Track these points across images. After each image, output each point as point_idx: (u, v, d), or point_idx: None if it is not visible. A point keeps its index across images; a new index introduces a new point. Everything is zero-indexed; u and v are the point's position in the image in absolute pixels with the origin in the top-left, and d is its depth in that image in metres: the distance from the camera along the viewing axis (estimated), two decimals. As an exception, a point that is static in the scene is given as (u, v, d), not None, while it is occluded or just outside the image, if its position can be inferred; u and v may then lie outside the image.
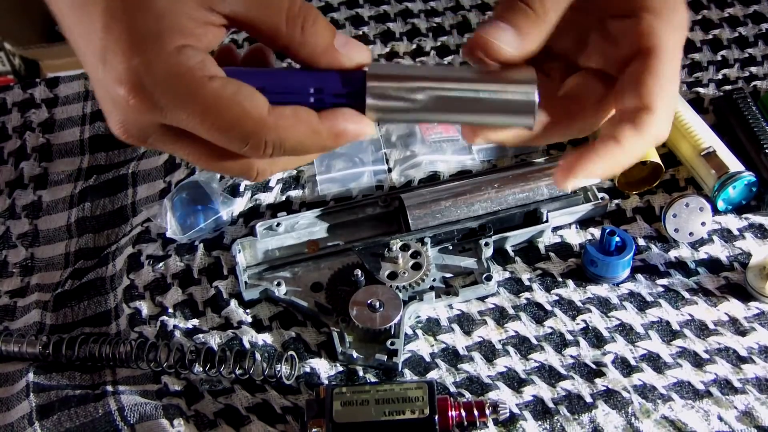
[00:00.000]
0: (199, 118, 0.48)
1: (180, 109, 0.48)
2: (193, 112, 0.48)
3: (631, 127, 0.53)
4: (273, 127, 0.49)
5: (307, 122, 0.50)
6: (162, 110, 0.48)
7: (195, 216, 0.80)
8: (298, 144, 0.51)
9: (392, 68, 0.54)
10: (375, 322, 0.71)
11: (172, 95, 0.48)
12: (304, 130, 0.50)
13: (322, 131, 0.51)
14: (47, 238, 0.86)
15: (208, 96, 0.48)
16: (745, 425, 0.66)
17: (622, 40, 0.54)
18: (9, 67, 2.12)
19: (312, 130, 0.51)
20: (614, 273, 0.75)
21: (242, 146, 0.50)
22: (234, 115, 0.48)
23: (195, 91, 0.47)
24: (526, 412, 0.68)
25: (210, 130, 0.49)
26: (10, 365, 0.74)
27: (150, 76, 0.47)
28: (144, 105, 0.48)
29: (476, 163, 0.85)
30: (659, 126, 0.53)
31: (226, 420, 0.69)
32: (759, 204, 0.80)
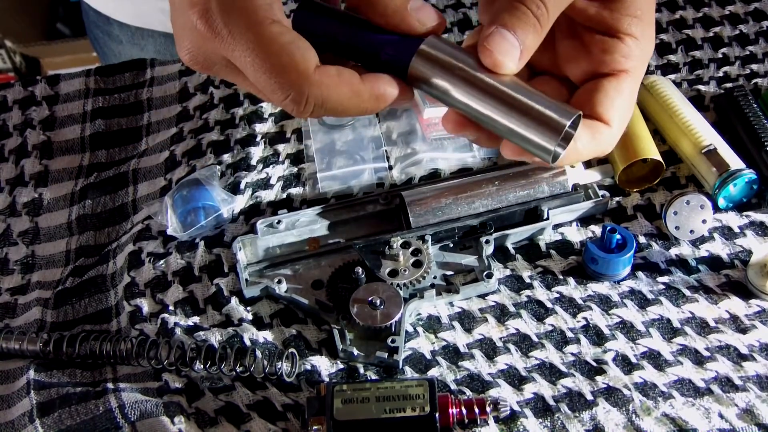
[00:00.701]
0: (251, 56, 0.50)
1: (237, 42, 0.50)
2: (247, 48, 0.50)
3: (588, 134, 0.56)
4: (317, 83, 0.51)
5: (349, 83, 0.52)
6: (223, 40, 0.50)
7: (196, 213, 0.80)
8: (339, 104, 0.53)
9: (448, 48, 0.55)
10: (376, 320, 0.71)
11: (234, 27, 0.50)
12: (347, 90, 0.52)
13: (364, 93, 0.52)
14: (48, 235, 0.86)
15: (264, 36, 0.50)
16: (745, 423, 0.66)
17: (599, 55, 0.56)
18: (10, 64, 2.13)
19: (354, 91, 0.52)
20: (615, 270, 0.75)
21: (284, 97, 0.51)
22: (283, 62, 0.50)
23: (254, 29, 0.50)
24: (527, 409, 0.68)
25: (257, 72, 0.51)
26: (10, 362, 0.74)
27: (219, 6, 0.49)
28: (209, 32, 0.50)
29: (477, 161, 0.85)
30: (612, 140, 0.57)
31: (226, 417, 0.69)
32: (760, 201, 0.80)
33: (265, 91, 0.52)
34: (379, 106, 0.54)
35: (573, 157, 0.56)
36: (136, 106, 0.95)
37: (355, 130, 0.88)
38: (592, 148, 0.57)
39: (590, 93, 0.57)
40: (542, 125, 0.53)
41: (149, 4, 1.06)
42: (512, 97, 0.53)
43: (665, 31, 0.96)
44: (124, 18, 1.09)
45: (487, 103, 0.54)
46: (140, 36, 1.11)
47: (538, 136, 0.54)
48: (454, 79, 0.54)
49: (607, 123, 0.56)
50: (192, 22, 0.51)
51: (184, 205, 0.80)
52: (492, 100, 0.54)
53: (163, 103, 0.95)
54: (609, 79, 0.57)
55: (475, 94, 0.54)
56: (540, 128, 0.53)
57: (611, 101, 0.56)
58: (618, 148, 0.81)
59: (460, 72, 0.54)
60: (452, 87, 0.54)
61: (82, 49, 2.06)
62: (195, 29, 0.51)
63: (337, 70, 0.52)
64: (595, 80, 0.57)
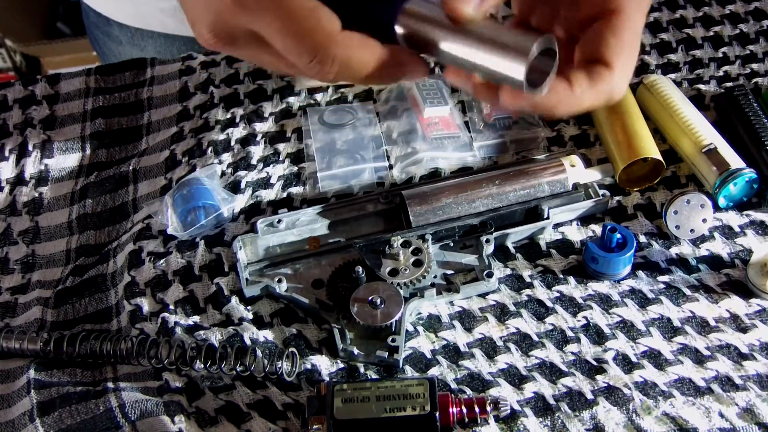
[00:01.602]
0: (278, 22, 0.52)
1: (264, 11, 0.52)
2: (274, 16, 0.52)
3: (585, 77, 0.56)
4: (342, 45, 0.53)
5: (372, 49, 0.54)
6: (250, 11, 0.52)
7: (196, 213, 0.80)
8: (363, 66, 0.55)
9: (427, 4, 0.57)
10: (376, 319, 0.71)
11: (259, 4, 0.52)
12: (369, 54, 0.54)
13: (386, 60, 0.54)
14: (48, 234, 0.86)
15: (289, 3, 0.52)
16: (746, 422, 0.66)
17: (586, 2, 0.57)
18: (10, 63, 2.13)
19: (376, 57, 0.54)
20: (615, 270, 0.75)
21: (310, 58, 0.53)
22: (310, 25, 0.52)
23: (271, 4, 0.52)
24: (527, 408, 0.68)
25: (285, 37, 0.53)
26: (11, 362, 0.74)
27: None
28: (236, 4, 0.52)
29: (477, 160, 0.85)
30: (615, 83, 0.56)
31: (227, 417, 0.69)
32: (760, 201, 0.80)
33: (292, 55, 0.54)
34: (398, 74, 0.56)
35: (573, 103, 0.56)
36: (137, 105, 0.95)
37: (355, 130, 0.88)
38: (594, 93, 0.56)
39: (587, 40, 0.57)
40: (509, 51, 0.55)
41: (149, 4, 1.06)
42: (479, 34, 0.55)
43: (665, 31, 0.96)
44: (124, 19, 1.09)
45: (461, 45, 0.56)
46: (140, 37, 1.11)
47: (507, 62, 0.55)
48: (434, 30, 0.56)
49: (607, 64, 0.56)
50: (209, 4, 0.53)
51: (185, 204, 0.80)
52: (463, 41, 0.56)
53: (163, 103, 0.95)
54: (602, 22, 0.57)
55: (450, 40, 0.56)
56: (508, 54, 0.55)
57: (606, 42, 0.56)
58: (618, 148, 0.81)
59: (438, 23, 0.56)
60: (435, 38, 0.56)
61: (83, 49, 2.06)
62: (222, 2, 0.53)
63: (360, 35, 0.54)
64: (591, 27, 0.58)
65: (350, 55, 0.54)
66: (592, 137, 0.87)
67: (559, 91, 0.55)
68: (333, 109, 0.90)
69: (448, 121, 0.88)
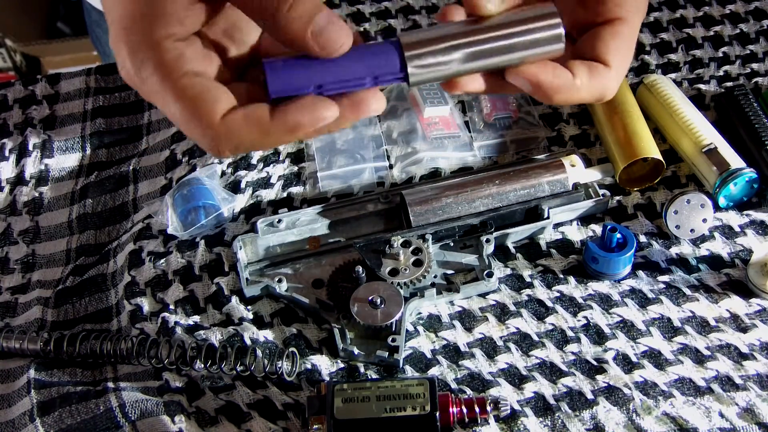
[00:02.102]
0: (167, 108, 0.53)
1: (155, 94, 0.53)
2: (163, 100, 0.53)
3: (586, 70, 0.57)
4: (224, 132, 0.53)
5: (257, 125, 0.53)
6: (147, 90, 0.53)
7: (196, 212, 0.80)
8: (252, 145, 0.54)
9: (424, 34, 0.56)
10: (376, 319, 0.71)
11: (149, 80, 0.53)
12: (255, 132, 0.53)
13: (274, 131, 0.53)
14: (48, 234, 0.86)
15: (173, 90, 0.52)
16: (746, 422, 0.66)
17: (593, 7, 0.59)
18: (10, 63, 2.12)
19: (262, 132, 0.53)
20: (615, 270, 0.75)
21: (204, 143, 0.54)
22: (191, 115, 0.52)
23: (165, 83, 0.52)
24: (528, 408, 0.68)
25: (171, 117, 0.53)
26: (11, 362, 0.74)
27: (133, 63, 0.53)
28: (131, 74, 0.53)
29: (477, 160, 0.85)
30: (610, 82, 0.58)
31: (227, 416, 0.69)
32: (760, 200, 0.80)
33: (187, 135, 0.55)
34: (294, 137, 0.54)
35: (572, 92, 0.57)
36: (137, 105, 0.95)
37: (355, 129, 0.88)
38: (591, 87, 0.58)
39: (587, 40, 0.59)
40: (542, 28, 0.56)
41: None
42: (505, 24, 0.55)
43: (666, 30, 0.96)
44: None
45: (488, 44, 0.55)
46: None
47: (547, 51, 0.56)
48: (451, 52, 0.55)
49: (605, 63, 0.58)
50: (118, 58, 0.54)
51: (185, 204, 0.80)
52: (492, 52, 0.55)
53: (163, 102, 0.95)
54: (604, 26, 0.59)
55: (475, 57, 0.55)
56: (544, 47, 0.56)
57: (607, 44, 0.58)
58: (618, 147, 0.81)
59: (455, 47, 0.55)
60: (453, 63, 0.55)
61: (83, 48, 2.06)
62: (122, 66, 0.54)
63: (244, 113, 0.53)
64: (592, 30, 0.59)
65: (236, 141, 0.54)
66: (592, 137, 0.87)
67: (563, 78, 0.57)
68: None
69: (448, 120, 0.88)
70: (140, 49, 0.52)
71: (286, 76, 0.54)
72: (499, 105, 0.88)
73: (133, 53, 0.53)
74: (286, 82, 0.54)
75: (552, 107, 0.89)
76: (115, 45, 0.54)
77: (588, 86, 0.58)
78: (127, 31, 0.53)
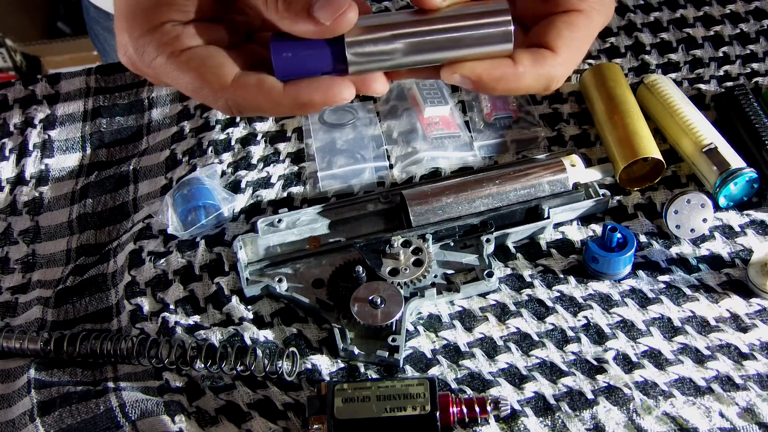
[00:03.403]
0: (176, 83, 0.57)
1: (162, 74, 0.57)
2: (172, 78, 0.57)
3: (529, 56, 0.57)
4: (233, 94, 0.56)
5: (268, 93, 0.56)
6: (154, 73, 0.57)
7: (196, 212, 0.80)
8: (260, 110, 0.57)
9: (371, 20, 0.56)
10: (376, 319, 0.71)
11: (154, 61, 0.57)
12: (264, 99, 0.56)
13: (284, 102, 0.56)
14: (48, 234, 0.86)
15: (178, 67, 0.56)
16: (746, 422, 0.66)
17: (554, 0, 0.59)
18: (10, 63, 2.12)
19: (272, 101, 0.56)
20: (615, 269, 0.75)
21: (214, 104, 0.57)
22: (200, 82, 0.56)
23: (169, 62, 0.56)
24: (528, 408, 0.68)
25: (185, 90, 0.57)
26: (11, 362, 0.74)
27: (139, 46, 0.57)
28: (134, 60, 0.57)
29: (477, 160, 0.85)
30: (556, 69, 0.57)
31: (227, 416, 0.69)
32: (760, 200, 0.80)
33: (197, 97, 0.58)
34: (306, 111, 0.57)
35: (515, 81, 0.57)
36: (137, 104, 0.95)
37: (355, 129, 0.88)
38: (536, 75, 0.57)
39: (539, 28, 0.59)
40: (490, 43, 0.55)
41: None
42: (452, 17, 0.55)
43: (666, 30, 0.96)
44: None
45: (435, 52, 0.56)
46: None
47: (494, 49, 0.56)
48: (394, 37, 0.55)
49: (553, 50, 0.57)
50: (122, 44, 0.58)
51: (185, 203, 0.80)
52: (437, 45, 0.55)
53: (163, 102, 0.95)
54: (560, 15, 0.58)
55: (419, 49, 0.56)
56: (492, 46, 0.56)
57: (558, 31, 0.57)
58: (619, 147, 0.81)
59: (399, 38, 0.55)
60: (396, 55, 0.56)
61: (83, 48, 2.06)
62: (124, 54, 0.58)
63: (257, 79, 0.56)
64: (547, 18, 0.59)
65: (245, 104, 0.57)
66: (592, 137, 0.87)
67: (502, 68, 0.56)
68: (333, 109, 0.90)
69: (448, 120, 0.88)
70: (142, 35, 0.56)
71: (291, 60, 0.56)
72: (499, 105, 0.88)
73: (135, 40, 0.56)
74: (291, 65, 0.56)
75: (553, 107, 0.89)
76: (119, 33, 0.57)
77: (532, 74, 0.57)
78: (130, 21, 0.56)
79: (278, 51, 0.55)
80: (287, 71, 0.56)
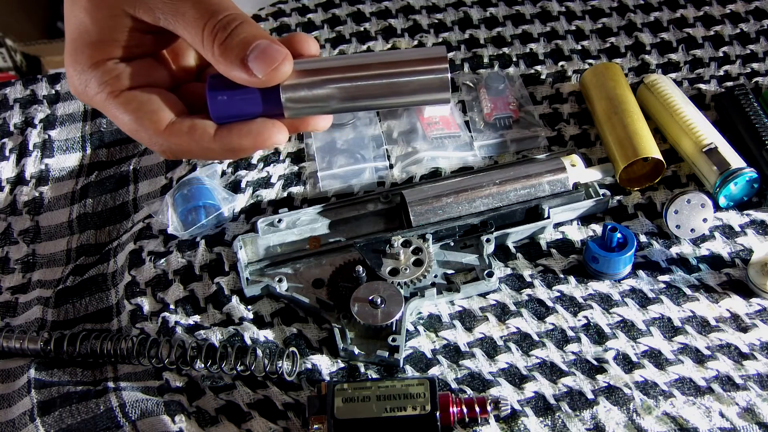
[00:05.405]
0: (115, 119, 0.58)
1: (101, 107, 0.58)
2: (110, 113, 0.58)
3: None
4: (166, 140, 0.57)
5: (199, 140, 0.57)
6: (92, 100, 0.58)
7: (196, 212, 0.80)
8: (192, 155, 0.59)
9: (308, 65, 0.56)
10: (376, 319, 0.71)
11: (96, 96, 0.58)
12: (196, 146, 0.57)
13: (215, 149, 0.57)
14: (48, 234, 0.86)
15: (119, 104, 0.57)
16: (746, 422, 0.66)
17: None
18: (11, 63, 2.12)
19: (203, 148, 0.57)
20: (616, 269, 0.75)
21: (150, 147, 0.58)
22: (137, 125, 0.57)
23: (109, 101, 0.57)
24: (528, 408, 0.68)
25: (124, 129, 0.58)
26: (11, 361, 0.75)
27: (82, 80, 0.58)
28: (79, 91, 0.58)
29: (478, 160, 0.85)
30: None
31: (227, 416, 0.69)
32: (760, 200, 0.80)
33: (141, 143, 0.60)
34: (237, 155, 0.58)
35: None
36: (137, 104, 0.95)
37: (355, 129, 0.88)
38: None
39: None
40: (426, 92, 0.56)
41: None
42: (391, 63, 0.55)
43: (666, 30, 0.96)
44: None
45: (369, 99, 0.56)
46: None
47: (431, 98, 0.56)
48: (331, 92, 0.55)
49: None
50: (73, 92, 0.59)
51: (185, 203, 0.80)
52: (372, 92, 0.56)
53: (163, 102, 0.95)
54: None
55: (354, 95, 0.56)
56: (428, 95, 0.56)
57: None
58: (619, 147, 0.81)
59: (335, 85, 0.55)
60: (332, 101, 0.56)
61: (83, 48, 2.06)
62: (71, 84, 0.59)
63: (190, 125, 0.57)
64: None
65: (178, 151, 0.58)
66: (592, 137, 0.87)
67: None
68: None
69: (448, 120, 0.88)
70: (84, 71, 0.57)
71: (227, 104, 0.56)
72: (499, 105, 0.88)
73: (78, 74, 0.58)
74: (226, 108, 0.56)
75: (553, 107, 0.89)
76: (66, 66, 0.59)
77: None
78: (75, 55, 0.58)
79: (214, 94, 0.56)
80: (222, 113, 0.56)
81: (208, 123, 0.57)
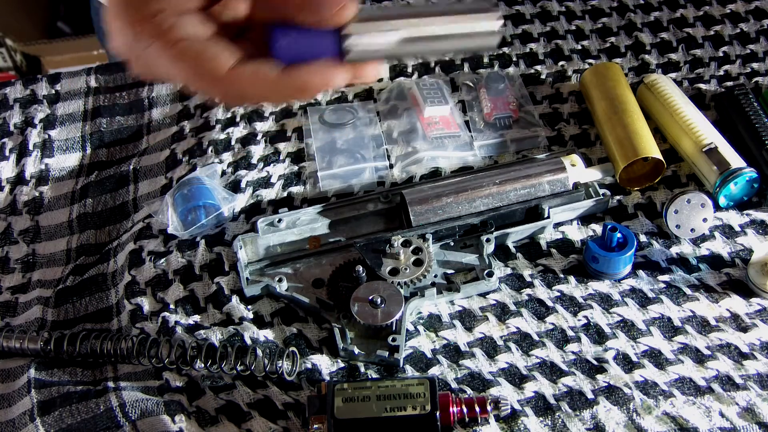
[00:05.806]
0: (168, 71, 0.57)
1: (153, 61, 0.57)
2: (164, 66, 0.57)
3: None
4: (230, 84, 0.57)
5: (265, 79, 0.56)
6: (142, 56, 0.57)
7: (196, 212, 0.80)
8: (260, 97, 0.58)
9: (370, 11, 0.58)
10: (376, 319, 0.71)
11: (147, 50, 0.56)
12: (263, 86, 0.57)
13: (281, 88, 0.57)
14: (48, 234, 0.86)
15: (175, 53, 0.56)
16: (746, 421, 0.66)
17: None
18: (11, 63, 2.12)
19: (271, 87, 0.57)
20: (616, 269, 0.75)
21: (212, 95, 0.58)
22: (195, 72, 0.57)
23: (164, 51, 0.56)
24: (528, 408, 0.68)
25: (182, 80, 0.57)
26: (11, 361, 0.74)
27: (132, 34, 0.56)
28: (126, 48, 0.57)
29: (477, 159, 0.85)
30: None
31: (227, 416, 0.69)
32: (760, 200, 0.80)
33: (193, 88, 0.59)
34: (306, 94, 0.58)
35: None
36: (137, 104, 0.95)
37: (355, 129, 0.88)
38: None
39: None
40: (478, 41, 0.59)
41: None
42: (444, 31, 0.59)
43: (666, 30, 0.96)
44: None
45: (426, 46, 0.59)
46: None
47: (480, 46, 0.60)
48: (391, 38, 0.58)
49: None
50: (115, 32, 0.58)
51: (185, 203, 0.80)
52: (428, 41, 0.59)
53: (163, 102, 0.95)
54: None
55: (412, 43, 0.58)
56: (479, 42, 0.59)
57: None
58: (619, 147, 0.81)
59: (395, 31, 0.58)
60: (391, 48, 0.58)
61: (83, 48, 2.06)
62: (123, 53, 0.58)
63: (254, 67, 0.56)
64: None
65: (244, 93, 0.57)
66: (592, 136, 0.87)
67: None
68: (333, 109, 0.90)
69: (448, 120, 0.88)
70: (136, 23, 0.56)
71: (292, 44, 0.57)
72: (499, 105, 0.88)
73: (129, 26, 0.56)
74: (291, 49, 0.57)
75: (553, 107, 0.89)
76: (113, 20, 0.57)
77: None
78: (124, 9, 0.57)
79: (279, 35, 0.57)
80: (287, 54, 0.57)
81: (271, 65, 0.57)
